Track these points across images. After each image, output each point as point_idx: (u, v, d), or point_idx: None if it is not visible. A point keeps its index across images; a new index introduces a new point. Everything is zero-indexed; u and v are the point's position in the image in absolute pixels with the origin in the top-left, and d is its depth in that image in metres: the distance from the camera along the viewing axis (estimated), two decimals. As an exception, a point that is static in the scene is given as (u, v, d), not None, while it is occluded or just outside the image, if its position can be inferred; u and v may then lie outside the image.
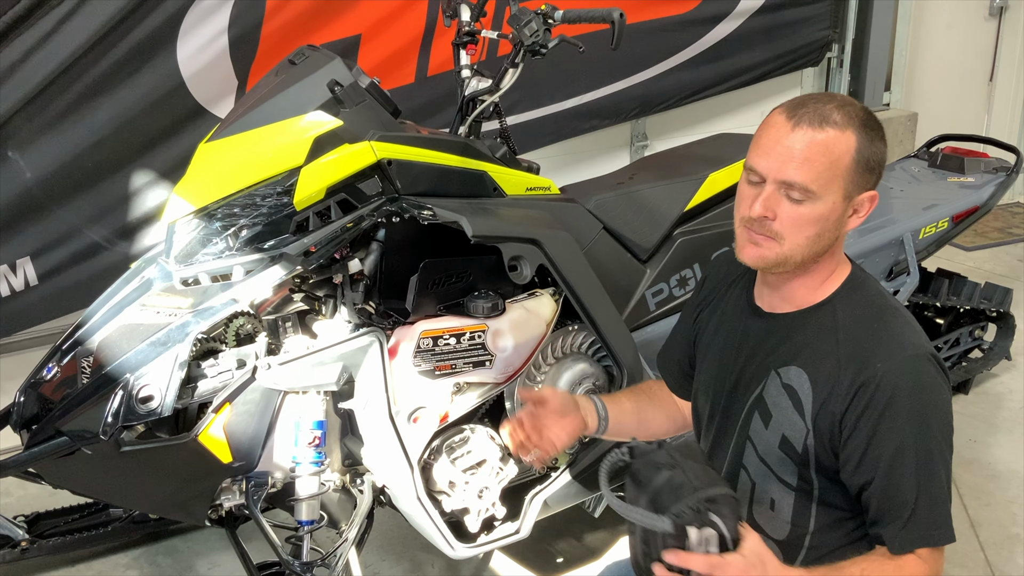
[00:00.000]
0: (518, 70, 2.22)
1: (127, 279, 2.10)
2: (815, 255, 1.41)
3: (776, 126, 1.37)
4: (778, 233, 1.38)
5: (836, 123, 1.34)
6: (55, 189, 2.74)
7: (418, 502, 2.08)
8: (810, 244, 1.38)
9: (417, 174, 2.03)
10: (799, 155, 1.34)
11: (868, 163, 1.36)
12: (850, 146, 1.35)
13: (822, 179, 1.34)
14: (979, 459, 3.03)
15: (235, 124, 2.02)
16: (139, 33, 2.73)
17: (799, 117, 1.35)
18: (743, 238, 1.42)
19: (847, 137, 1.34)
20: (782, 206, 1.36)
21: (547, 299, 2.25)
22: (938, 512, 1.35)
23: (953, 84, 5.43)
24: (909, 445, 1.33)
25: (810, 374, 1.41)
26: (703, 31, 4.11)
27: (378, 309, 2.13)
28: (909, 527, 1.34)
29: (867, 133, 1.36)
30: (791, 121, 1.35)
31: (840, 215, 1.38)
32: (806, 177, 1.33)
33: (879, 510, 1.37)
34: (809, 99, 1.39)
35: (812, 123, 1.34)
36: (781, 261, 1.40)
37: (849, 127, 1.34)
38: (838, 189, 1.36)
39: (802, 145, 1.34)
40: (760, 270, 1.49)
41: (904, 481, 1.34)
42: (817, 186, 1.34)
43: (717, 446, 1.58)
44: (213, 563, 2.61)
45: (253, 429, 1.97)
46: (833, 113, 1.35)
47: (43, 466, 1.97)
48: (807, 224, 1.36)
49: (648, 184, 2.53)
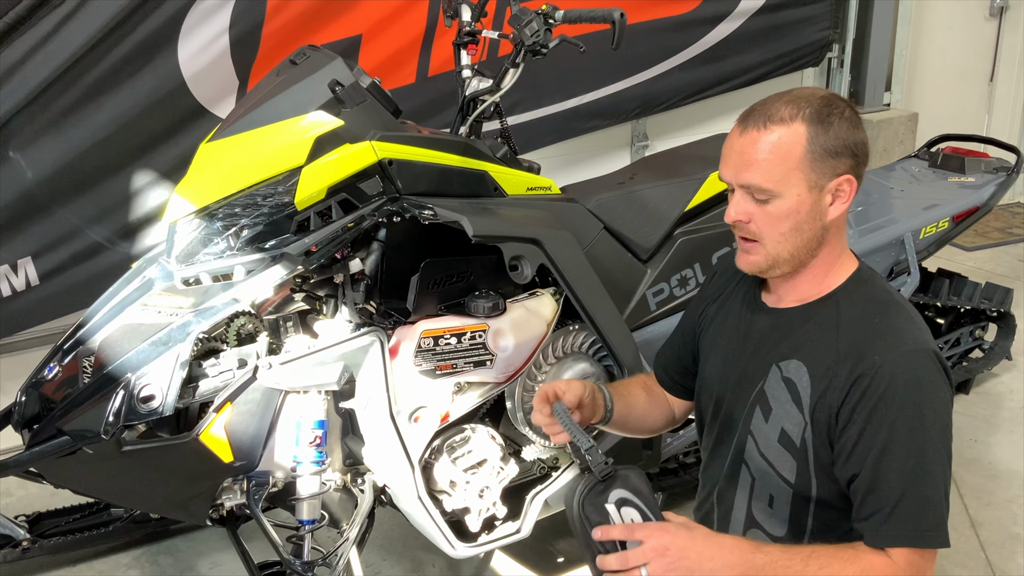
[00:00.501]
0: (519, 70, 2.22)
1: (128, 279, 2.10)
2: (804, 248, 1.43)
3: (731, 136, 1.44)
4: (757, 234, 1.43)
5: (782, 119, 1.38)
6: (56, 189, 2.75)
7: (419, 501, 2.08)
8: (789, 239, 1.41)
9: (418, 174, 2.03)
10: (749, 157, 1.39)
11: (828, 149, 1.38)
12: (799, 138, 1.37)
13: (775, 175, 1.37)
14: (980, 459, 3.03)
15: (236, 124, 2.02)
16: (140, 33, 2.73)
17: (747, 122, 1.41)
18: (738, 247, 1.49)
19: (794, 130, 1.37)
20: (752, 208, 1.42)
21: (548, 299, 2.25)
22: (928, 513, 1.32)
23: (953, 84, 5.43)
24: (900, 439, 1.32)
25: (809, 367, 1.42)
26: (704, 31, 4.11)
27: (379, 309, 2.13)
28: (891, 522, 1.32)
29: (820, 121, 1.38)
30: (740, 127, 1.42)
31: (812, 205, 1.40)
32: (759, 177, 1.38)
33: (863, 502, 1.35)
34: (760, 103, 1.43)
35: (757, 124, 1.39)
36: (772, 263, 1.44)
37: (796, 119, 1.37)
38: (799, 181, 1.38)
39: (751, 147, 1.39)
40: (760, 275, 1.52)
41: (891, 475, 1.32)
42: (773, 183, 1.38)
43: (720, 442, 1.59)
44: (214, 563, 2.61)
45: (254, 429, 1.97)
46: (780, 110, 1.38)
47: (44, 466, 1.98)
48: (778, 220, 1.40)
49: (649, 184, 2.53)
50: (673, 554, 1.27)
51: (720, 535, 1.35)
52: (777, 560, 1.32)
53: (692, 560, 1.28)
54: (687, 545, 1.29)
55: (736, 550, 1.32)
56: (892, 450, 1.32)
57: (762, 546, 1.34)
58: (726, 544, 1.32)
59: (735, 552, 1.31)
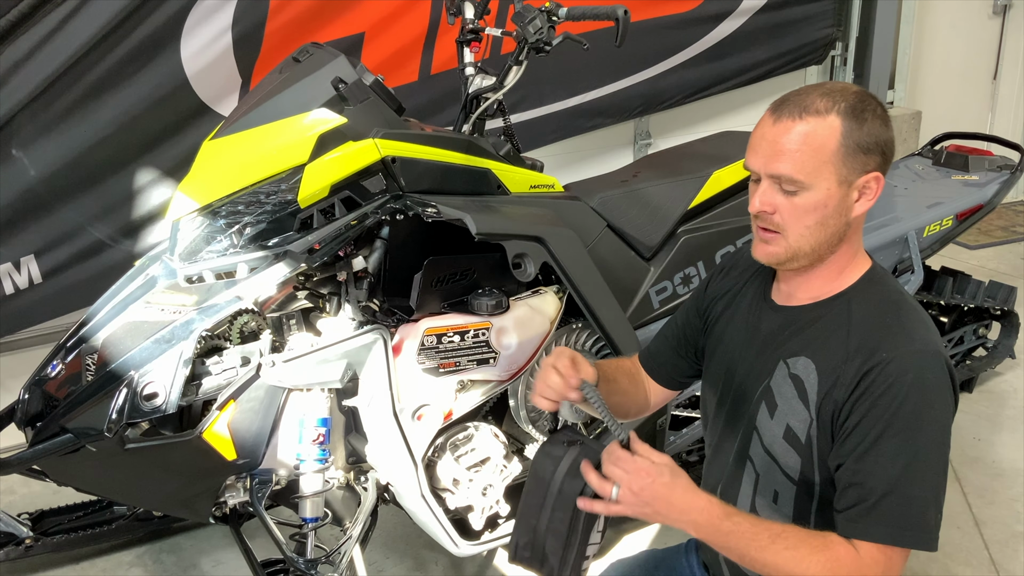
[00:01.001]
0: (522, 68, 2.22)
1: (131, 277, 2.10)
2: (826, 244, 1.42)
3: (762, 124, 1.41)
4: (780, 226, 1.40)
5: (817, 111, 1.36)
6: (59, 187, 2.75)
7: (422, 499, 2.08)
8: (814, 232, 1.40)
9: (421, 171, 2.03)
10: (781, 147, 1.36)
11: (860, 145, 1.37)
12: (834, 131, 1.36)
13: (808, 167, 1.35)
14: (983, 458, 3.03)
15: (239, 122, 2.02)
16: (143, 31, 2.73)
17: (780, 111, 1.38)
18: (755, 237, 1.46)
19: (829, 123, 1.36)
20: (778, 199, 1.39)
21: (551, 297, 2.25)
22: (909, 513, 1.30)
23: (957, 82, 5.42)
24: (894, 436, 1.31)
25: (817, 364, 1.41)
26: (707, 29, 4.11)
27: (382, 307, 2.13)
28: (868, 516, 1.31)
29: (855, 117, 1.37)
30: (773, 116, 1.39)
31: (840, 200, 1.39)
32: (791, 168, 1.36)
33: (844, 492, 1.35)
34: (793, 92, 1.41)
35: (792, 114, 1.37)
36: (792, 255, 1.42)
37: (832, 112, 1.36)
38: (830, 175, 1.37)
39: (784, 137, 1.36)
40: (776, 268, 1.50)
41: (877, 470, 1.31)
42: (804, 175, 1.36)
43: (724, 437, 1.59)
44: (217, 560, 2.61)
45: (257, 426, 1.97)
46: (815, 102, 1.37)
47: (47, 463, 1.98)
48: (805, 213, 1.38)
49: (652, 182, 2.53)
50: (647, 494, 1.30)
51: (698, 492, 1.34)
52: (744, 531, 1.32)
53: (661, 506, 1.31)
54: (664, 494, 1.31)
55: (706, 512, 1.32)
56: (883, 446, 1.32)
57: (733, 514, 1.34)
58: (699, 503, 1.33)
59: (704, 514, 1.32)
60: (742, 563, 1.35)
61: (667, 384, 1.78)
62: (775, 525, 1.34)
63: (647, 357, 1.81)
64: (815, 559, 1.30)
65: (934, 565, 2.52)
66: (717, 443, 1.61)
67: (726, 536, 1.32)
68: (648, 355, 1.81)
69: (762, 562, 1.32)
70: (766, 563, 1.31)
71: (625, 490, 1.31)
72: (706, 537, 1.34)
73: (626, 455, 1.33)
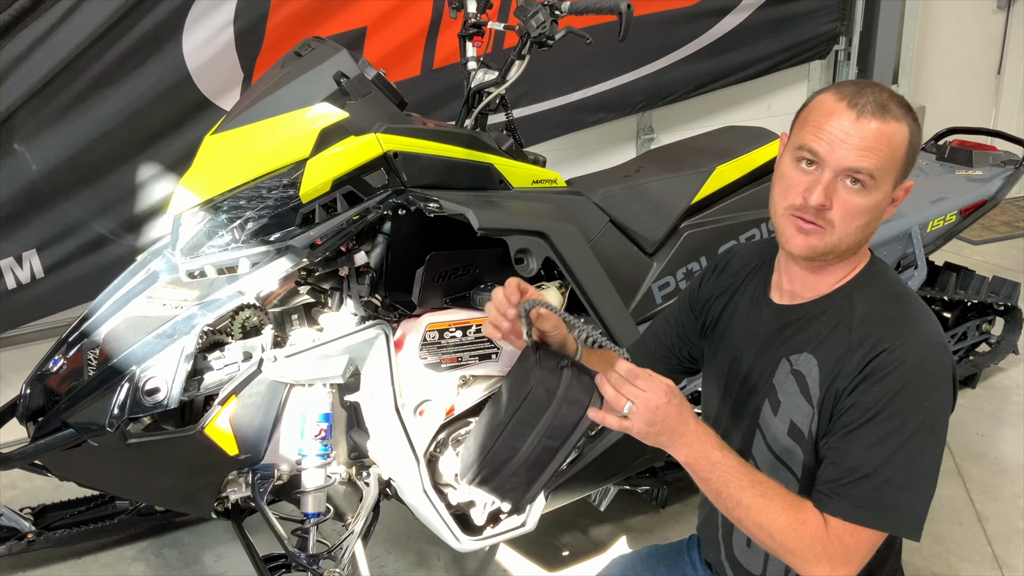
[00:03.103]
0: (524, 62, 2.21)
1: (133, 271, 2.10)
2: (858, 244, 1.42)
3: (838, 113, 1.36)
4: (831, 222, 1.37)
5: (895, 114, 1.35)
6: (61, 182, 2.75)
7: (424, 495, 2.08)
8: (859, 233, 1.39)
9: (423, 166, 2.03)
10: (867, 144, 1.34)
11: (914, 154, 1.39)
12: (905, 137, 1.36)
13: (883, 168, 1.35)
14: (986, 453, 3.02)
15: (241, 116, 2.01)
16: (144, 25, 2.73)
17: (862, 107, 1.35)
18: (789, 227, 1.40)
19: (903, 127, 1.36)
20: (839, 194, 1.36)
21: (553, 292, 2.24)
22: (885, 497, 1.30)
23: (961, 77, 5.41)
24: (886, 420, 1.31)
25: (819, 359, 1.41)
26: (710, 23, 4.10)
27: (384, 302, 2.13)
28: (843, 491, 1.31)
29: (915, 124, 1.38)
30: (854, 110, 1.35)
31: (885, 205, 1.39)
32: (872, 164, 1.34)
33: (825, 466, 1.35)
34: (865, 86, 1.38)
35: (875, 113, 1.34)
36: (830, 249, 1.40)
37: (905, 118, 1.36)
38: (892, 180, 1.37)
39: (869, 134, 1.34)
40: (806, 262, 1.45)
41: (862, 451, 1.31)
42: (879, 175, 1.35)
43: (726, 437, 1.57)
44: (219, 555, 2.62)
45: (259, 421, 1.97)
46: (890, 103, 1.36)
47: (49, 458, 1.97)
48: (860, 213, 1.37)
49: (655, 177, 2.52)
50: (661, 413, 1.31)
51: (699, 423, 1.35)
52: (730, 467, 1.33)
53: (667, 426, 1.32)
54: (674, 414, 1.31)
55: (702, 439, 1.34)
56: (871, 428, 1.32)
57: (725, 447, 1.35)
58: (699, 429, 1.34)
59: (698, 441, 1.34)
60: (718, 500, 1.35)
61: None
62: (759, 474, 1.36)
63: (636, 352, 1.80)
64: (783, 516, 1.31)
65: (937, 561, 2.52)
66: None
67: (712, 466, 1.34)
68: (638, 350, 1.80)
69: (736, 500, 1.33)
70: (739, 503, 1.33)
71: (641, 406, 1.30)
72: (694, 463, 1.34)
73: (644, 372, 1.32)
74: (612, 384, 1.33)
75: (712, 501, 1.37)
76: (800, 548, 1.30)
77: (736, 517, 1.34)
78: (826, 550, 1.30)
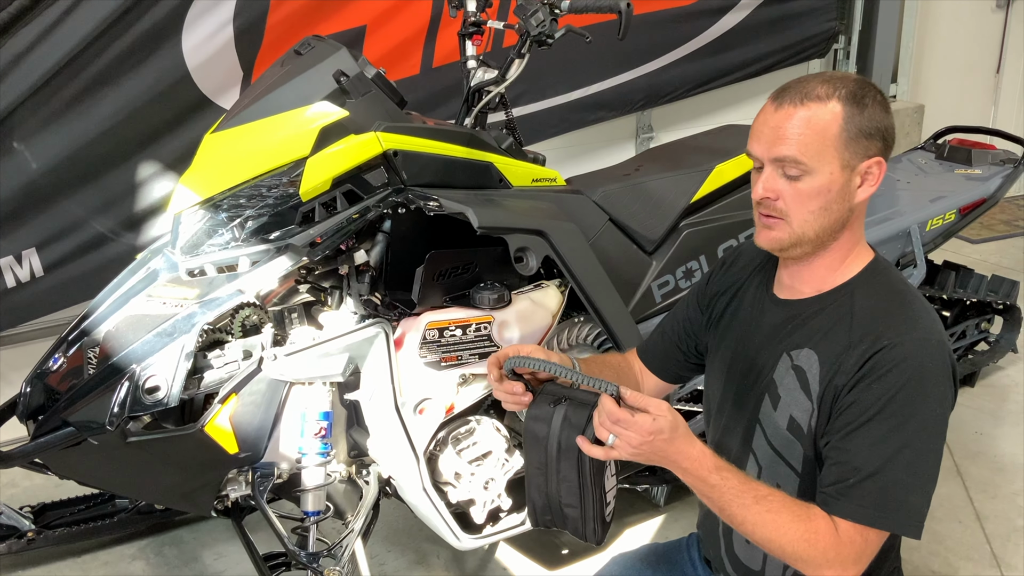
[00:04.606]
0: (524, 61, 2.21)
1: (133, 270, 2.10)
2: (829, 229, 1.42)
3: (764, 112, 1.43)
4: (784, 211, 1.41)
5: (818, 97, 1.38)
6: (61, 180, 2.75)
7: (424, 493, 2.08)
8: (818, 218, 1.40)
9: (423, 165, 2.03)
10: (785, 132, 1.38)
11: (862, 130, 1.38)
12: (836, 116, 1.37)
13: (811, 150, 1.37)
14: (985, 452, 3.02)
15: (241, 115, 2.02)
16: (144, 24, 2.72)
17: (782, 99, 1.40)
18: (758, 224, 1.47)
19: (831, 108, 1.37)
20: (781, 185, 1.40)
21: (553, 290, 2.24)
22: (891, 496, 1.31)
23: (960, 76, 5.42)
24: (886, 418, 1.31)
25: (819, 354, 1.42)
26: (709, 22, 4.10)
27: (384, 300, 2.13)
28: (849, 494, 1.32)
29: (855, 102, 1.38)
30: (775, 103, 1.41)
31: (843, 185, 1.40)
32: (795, 150, 1.37)
33: (829, 469, 1.36)
34: (794, 81, 1.43)
35: (794, 101, 1.39)
36: (795, 241, 1.43)
37: (832, 98, 1.38)
38: (833, 159, 1.38)
39: (787, 122, 1.38)
40: (779, 255, 1.50)
41: (865, 451, 1.32)
42: (807, 158, 1.37)
43: (727, 432, 1.59)
44: (219, 554, 2.62)
45: (259, 420, 1.97)
46: (816, 88, 1.38)
47: (49, 457, 1.98)
48: (809, 198, 1.39)
49: (654, 176, 2.52)
50: (645, 449, 1.30)
51: (694, 441, 1.34)
52: (730, 487, 1.33)
53: (657, 457, 1.32)
54: (661, 447, 1.31)
55: (697, 463, 1.33)
56: (873, 427, 1.32)
57: (724, 468, 1.35)
58: (692, 453, 1.33)
59: (695, 464, 1.33)
60: (722, 516, 1.36)
61: (665, 377, 1.79)
62: (762, 487, 1.35)
63: (645, 351, 1.81)
64: (794, 528, 1.32)
65: (936, 560, 2.52)
66: (720, 438, 1.61)
67: (711, 489, 1.34)
68: (646, 349, 1.81)
69: (741, 519, 1.33)
70: (745, 521, 1.33)
71: (624, 444, 1.31)
72: (693, 485, 1.35)
73: (624, 415, 1.30)
74: (598, 422, 1.33)
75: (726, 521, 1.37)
76: (813, 556, 1.31)
77: (744, 532, 1.35)
78: (839, 554, 1.31)
